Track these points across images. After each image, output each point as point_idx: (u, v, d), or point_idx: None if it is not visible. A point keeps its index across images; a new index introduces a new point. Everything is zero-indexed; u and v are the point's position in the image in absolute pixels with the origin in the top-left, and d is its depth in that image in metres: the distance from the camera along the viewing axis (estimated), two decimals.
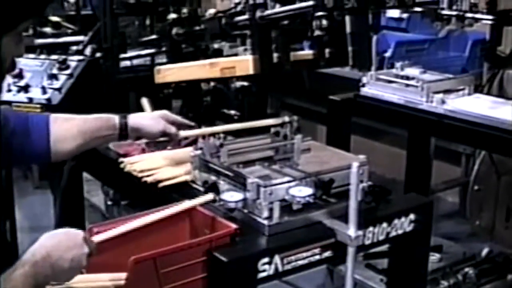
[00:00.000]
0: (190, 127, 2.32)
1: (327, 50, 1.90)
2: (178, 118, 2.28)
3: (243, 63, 1.95)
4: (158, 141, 2.26)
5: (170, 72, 2.20)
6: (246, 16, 2.02)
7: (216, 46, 2.92)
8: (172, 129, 2.23)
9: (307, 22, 2.04)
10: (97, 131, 2.10)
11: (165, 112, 2.26)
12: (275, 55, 1.94)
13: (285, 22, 2.00)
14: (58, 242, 1.59)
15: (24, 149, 1.94)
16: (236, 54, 2.13)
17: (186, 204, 1.92)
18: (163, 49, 3.29)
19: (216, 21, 2.05)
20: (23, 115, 2.04)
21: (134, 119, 2.15)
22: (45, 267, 1.54)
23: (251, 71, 1.94)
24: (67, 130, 2.03)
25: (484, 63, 3.97)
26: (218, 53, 2.28)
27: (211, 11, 2.31)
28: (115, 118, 2.13)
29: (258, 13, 1.85)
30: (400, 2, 1.89)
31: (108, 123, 2.12)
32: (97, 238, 1.74)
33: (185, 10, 3.09)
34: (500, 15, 3.59)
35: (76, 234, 1.65)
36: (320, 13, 1.92)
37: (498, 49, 3.76)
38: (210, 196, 1.95)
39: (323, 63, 1.98)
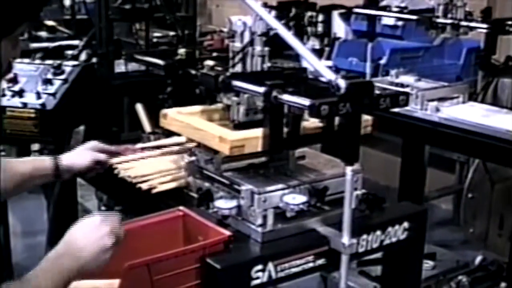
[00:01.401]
0: (118, 154, 2.37)
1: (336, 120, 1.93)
2: (106, 147, 2.34)
3: (252, 141, 1.97)
4: (90, 170, 2.28)
5: (177, 124, 2.21)
6: (245, 84, 2.03)
7: None
8: (101, 156, 2.27)
9: None
10: (33, 172, 2.13)
11: (93, 143, 2.31)
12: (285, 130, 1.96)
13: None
14: (76, 232, 1.68)
15: None
16: (229, 106, 2.14)
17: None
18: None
19: (212, 78, 2.06)
20: None
21: (65, 160, 2.19)
22: (70, 258, 1.61)
23: (259, 148, 1.97)
24: (4, 172, 2.02)
25: (478, 71, 3.99)
26: (212, 99, 2.30)
27: (209, 63, 2.32)
28: (47, 161, 2.18)
29: (274, 94, 1.87)
30: (393, 103, 1.94)
31: (42, 165, 2.17)
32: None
33: (182, 51, 3.13)
34: (494, 23, 3.60)
35: (92, 220, 1.71)
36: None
37: (492, 58, 3.77)
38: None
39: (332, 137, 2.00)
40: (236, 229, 1.93)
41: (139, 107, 2.72)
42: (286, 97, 1.86)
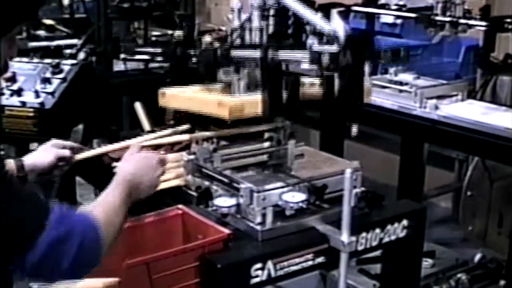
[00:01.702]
0: (81, 150, 2.34)
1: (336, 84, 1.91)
2: (68, 143, 2.32)
3: (252, 104, 1.95)
4: (54, 168, 2.26)
5: (175, 99, 2.19)
6: (242, 52, 2.02)
7: None
8: (66, 152, 2.25)
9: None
10: None
11: (55, 141, 2.29)
12: (284, 93, 1.94)
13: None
14: (140, 166, 1.86)
15: None
16: (230, 83, 2.13)
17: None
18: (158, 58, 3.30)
19: (211, 52, 2.04)
20: None
21: (28, 159, 2.17)
22: (132, 186, 1.77)
23: (259, 112, 1.95)
24: None
25: (477, 69, 3.98)
26: (212, 77, 2.28)
27: (207, 38, 2.30)
28: (10, 164, 2.13)
29: (270, 54, 1.86)
30: (395, 57, 1.92)
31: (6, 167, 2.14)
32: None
33: (180, 33, 3.11)
34: (493, 21, 3.60)
35: (151, 158, 1.91)
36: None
37: (491, 55, 3.76)
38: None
39: (332, 101, 1.97)
40: (236, 228, 1.93)
41: (138, 106, 2.72)
42: (283, 54, 1.85)
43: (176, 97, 2.20)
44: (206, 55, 2.08)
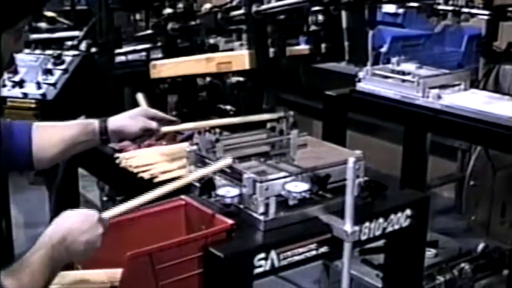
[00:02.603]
0: (171, 122, 2.29)
1: (323, 45, 1.89)
2: (158, 113, 2.25)
3: (239, 58, 1.94)
4: (140, 137, 2.22)
5: (166, 68, 2.19)
6: (242, 11, 2.01)
7: (212, 41, 2.92)
8: (153, 124, 2.19)
9: (303, 17, 2.03)
10: (77, 137, 2.07)
11: (143, 108, 2.24)
12: (271, 50, 1.92)
13: (281, 17, 1.99)
14: (72, 225, 1.63)
15: (6, 157, 1.90)
16: (232, 49, 2.11)
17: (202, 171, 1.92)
18: (159, 44, 3.28)
19: (211, 16, 2.03)
20: (6, 123, 1.98)
21: (114, 122, 2.13)
22: (61, 250, 1.58)
23: (247, 66, 1.94)
24: (49, 138, 2.01)
25: (480, 58, 3.97)
26: (214, 48, 2.26)
27: (207, 6, 2.30)
28: (95, 123, 2.11)
29: (254, 8, 1.84)
30: None
31: (88, 128, 2.10)
32: (108, 214, 1.73)
33: (180, 5, 3.07)
34: (496, 10, 3.59)
35: (90, 215, 1.67)
36: (316, 8, 1.91)
37: (494, 44, 3.76)
38: (228, 160, 1.94)
39: (319, 58, 1.96)
40: (239, 218, 1.93)
41: (140, 97, 2.71)
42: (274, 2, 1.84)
43: (166, 65, 2.19)
44: (207, 20, 2.06)
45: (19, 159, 1.98)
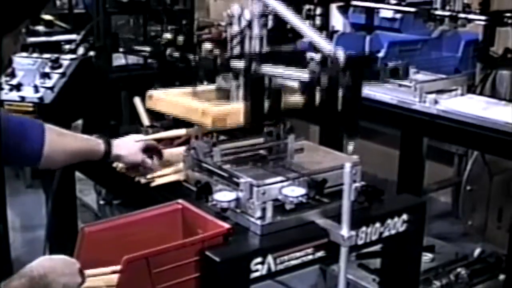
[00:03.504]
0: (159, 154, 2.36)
1: (317, 95, 1.91)
2: (157, 147, 2.36)
3: (234, 114, 1.97)
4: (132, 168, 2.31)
5: (162, 102, 2.22)
6: (241, 64, 2.03)
7: None
8: (149, 163, 2.28)
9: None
10: (84, 151, 2.20)
11: (145, 143, 2.33)
12: (266, 103, 1.95)
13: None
14: (55, 265, 1.65)
15: (19, 150, 2.00)
16: (228, 90, 2.14)
17: None
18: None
19: (210, 61, 2.06)
20: (18, 120, 2.09)
21: (117, 148, 2.24)
22: (39, 285, 1.59)
23: (241, 120, 1.97)
24: (62, 145, 2.12)
25: (477, 63, 3.97)
26: (210, 79, 2.29)
27: (207, 46, 2.32)
28: (101, 144, 2.22)
29: (254, 66, 1.87)
30: (394, 75, 1.94)
31: (95, 147, 2.21)
32: None
33: (180, 38, 3.12)
34: (493, 15, 3.59)
35: (72, 263, 1.69)
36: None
37: (491, 50, 3.76)
38: None
39: (313, 112, 1.98)
40: (235, 222, 1.93)
41: (137, 101, 2.71)
42: (280, 70, 1.86)
43: (162, 100, 2.22)
44: (206, 63, 2.09)
45: (30, 154, 2.06)
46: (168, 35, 3.14)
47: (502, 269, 3.35)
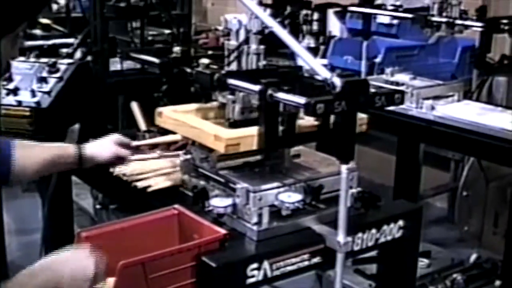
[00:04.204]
0: (140, 150, 2.37)
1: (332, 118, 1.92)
2: (128, 141, 2.33)
3: (248, 139, 1.96)
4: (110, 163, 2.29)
5: (171, 122, 2.21)
6: (240, 83, 2.04)
7: None
8: (123, 152, 2.26)
9: None
10: (55, 159, 2.16)
11: (116, 136, 2.30)
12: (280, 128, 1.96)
13: None
14: (74, 272, 1.62)
15: None
16: (224, 104, 2.14)
17: None
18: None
19: (207, 76, 2.06)
20: None
21: (88, 149, 2.20)
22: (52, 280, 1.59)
23: (255, 146, 1.96)
24: (29, 157, 2.09)
25: (473, 69, 3.99)
26: (207, 96, 2.30)
27: (204, 61, 2.33)
28: (72, 148, 2.19)
29: (269, 92, 1.87)
30: (389, 102, 1.94)
31: (65, 153, 2.18)
32: None
33: (177, 49, 3.13)
34: (489, 22, 3.61)
35: (90, 270, 1.64)
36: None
37: (487, 56, 3.78)
38: None
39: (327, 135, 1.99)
40: (232, 228, 1.93)
41: (134, 105, 2.72)
42: (281, 95, 1.86)
43: (172, 120, 2.21)
44: (203, 79, 2.09)
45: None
46: (177, 48, 3.16)
47: (498, 275, 3.36)
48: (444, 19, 3.68)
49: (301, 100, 1.79)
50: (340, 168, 1.83)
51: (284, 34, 1.92)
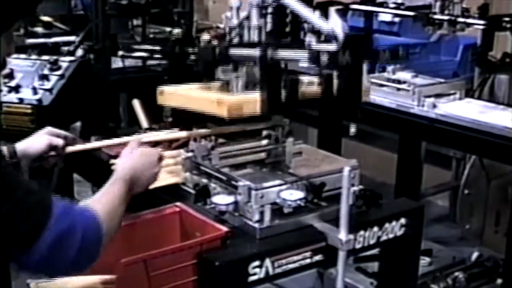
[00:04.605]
0: (75, 141, 2.32)
1: (335, 82, 1.90)
2: (63, 132, 2.29)
3: (251, 103, 1.95)
4: (45, 157, 2.23)
5: (174, 97, 2.19)
6: (241, 51, 2.02)
7: None
8: (59, 142, 2.22)
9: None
10: None
11: (49, 128, 2.27)
12: (283, 92, 1.94)
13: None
14: (140, 162, 1.89)
15: None
16: (227, 82, 2.13)
17: None
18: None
19: (210, 50, 2.04)
20: None
21: (20, 144, 2.16)
22: (132, 182, 1.80)
23: (258, 110, 1.95)
24: None
25: (475, 67, 3.98)
26: (210, 75, 2.27)
27: (205, 37, 2.31)
28: (3, 149, 2.09)
29: (269, 53, 1.85)
30: (393, 56, 1.90)
31: None
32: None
33: (178, 31, 3.11)
34: (491, 20, 3.60)
35: (151, 154, 1.95)
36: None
37: (489, 54, 3.77)
38: None
39: (331, 100, 1.97)
40: (233, 225, 1.93)
41: (136, 103, 2.71)
42: (282, 52, 1.85)
43: (174, 95, 2.20)
44: (205, 53, 2.08)
45: None
46: (177, 30, 3.13)
47: (500, 273, 3.35)
48: (446, 17, 3.67)
49: (304, 53, 1.78)
50: (342, 166, 1.83)
51: None
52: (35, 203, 1.45)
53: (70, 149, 2.28)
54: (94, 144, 2.40)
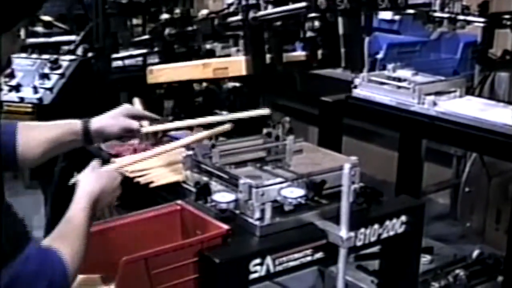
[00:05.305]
0: (154, 120, 2.29)
1: (319, 52, 1.90)
2: (141, 111, 2.27)
3: (235, 64, 1.95)
4: (122, 137, 2.24)
5: (163, 73, 2.20)
6: (239, 17, 2.02)
7: (208, 46, 2.92)
8: (134, 124, 2.19)
9: (299, 23, 2.04)
10: (62, 137, 2.09)
11: (126, 106, 2.25)
12: (267, 56, 1.93)
13: (278, 23, 2.00)
14: (103, 187, 1.80)
15: None
16: (228, 55, 2.12)
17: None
18: (155, 49, 3.28)
19: (208, 21, 2.04)
20: None
21: (95, 123, 2.14)
22: (94, 207, 1.74)
23: (243, 71, 1.94)
24: (33, 138, 2.03)
25: (475, 65, 3.99)
26: (211, 54, 2.26)
27: (204, 11, 2.31)
28: (78, 124, 2.13)
29: (251, 14, 1.84)
30: (392, 4, 1.86)
31: (71, 129, 2.11)
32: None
33: (177, 11, 3.08)
34: (491, 17, 3.60)
35: (115, 178, 1.88)
36: (312, 15, 1.91)
37: (489, 52, 3.77)
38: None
39: (316, 65, 1.97)
40: (234, 223, 1.93)
41: (137, 102, 2.71)
42: (273, 8, 1.85)
43: (162, 71, 2.20)
44: (204, 26, 2.07)
45: (5, 159, 1.98)
46: (165, 15, 3.10)
47: (501, 271, 3.35)
48: (446, 15, 3.67)
49: (303, 3, 1.78)
50: (343, 164, 1.83)
51: None
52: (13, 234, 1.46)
53: (144, 130, 2.25)
54: (172, 124, 2.35)
